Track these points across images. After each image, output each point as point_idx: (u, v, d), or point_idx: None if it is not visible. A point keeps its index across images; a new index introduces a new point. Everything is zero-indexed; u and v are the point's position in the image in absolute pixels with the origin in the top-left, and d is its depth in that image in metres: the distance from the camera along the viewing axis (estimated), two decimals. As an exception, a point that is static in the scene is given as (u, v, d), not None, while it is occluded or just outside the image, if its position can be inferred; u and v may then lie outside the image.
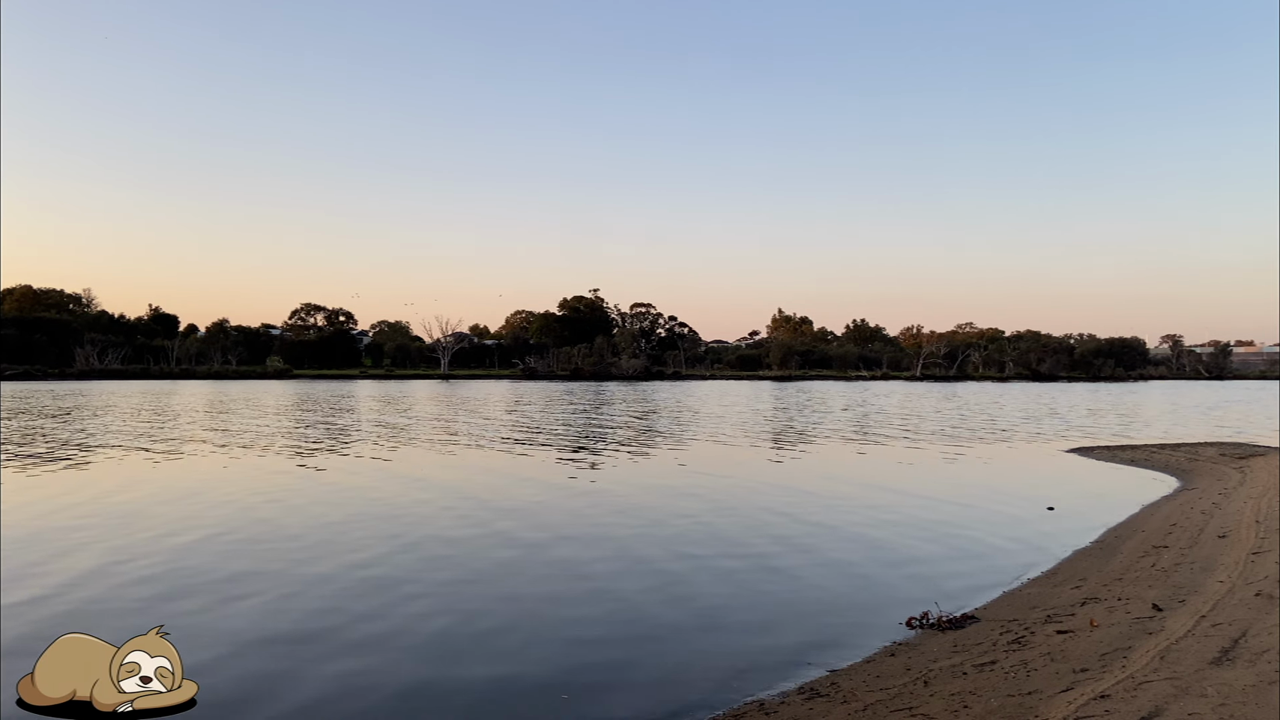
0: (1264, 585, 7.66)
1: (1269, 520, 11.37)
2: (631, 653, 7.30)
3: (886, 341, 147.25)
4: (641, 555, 10.89)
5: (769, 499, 15.54)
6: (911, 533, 12.50)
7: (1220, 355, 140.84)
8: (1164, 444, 25.84)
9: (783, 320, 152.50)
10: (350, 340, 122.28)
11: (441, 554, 10.83)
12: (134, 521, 12.76)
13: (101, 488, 16.31)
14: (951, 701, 5.68)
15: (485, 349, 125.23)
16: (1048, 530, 12.78)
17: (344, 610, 8.30)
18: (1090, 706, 5.05)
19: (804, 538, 12.06)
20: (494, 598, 8.90)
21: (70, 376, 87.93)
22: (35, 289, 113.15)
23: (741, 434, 30.21)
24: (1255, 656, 5.56)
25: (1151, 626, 6.85)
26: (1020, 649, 6.80)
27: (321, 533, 12.13)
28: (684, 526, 12.83)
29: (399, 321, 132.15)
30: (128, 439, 25.41)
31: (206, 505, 14.33)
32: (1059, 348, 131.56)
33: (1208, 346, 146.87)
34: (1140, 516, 13.73)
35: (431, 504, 14.66)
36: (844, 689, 6.29)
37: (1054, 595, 8.75)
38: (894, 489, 17.32)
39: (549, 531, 12.35)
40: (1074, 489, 17.51)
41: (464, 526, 12.64)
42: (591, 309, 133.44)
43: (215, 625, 7.79)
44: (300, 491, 16.20)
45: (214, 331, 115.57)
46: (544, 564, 10.42)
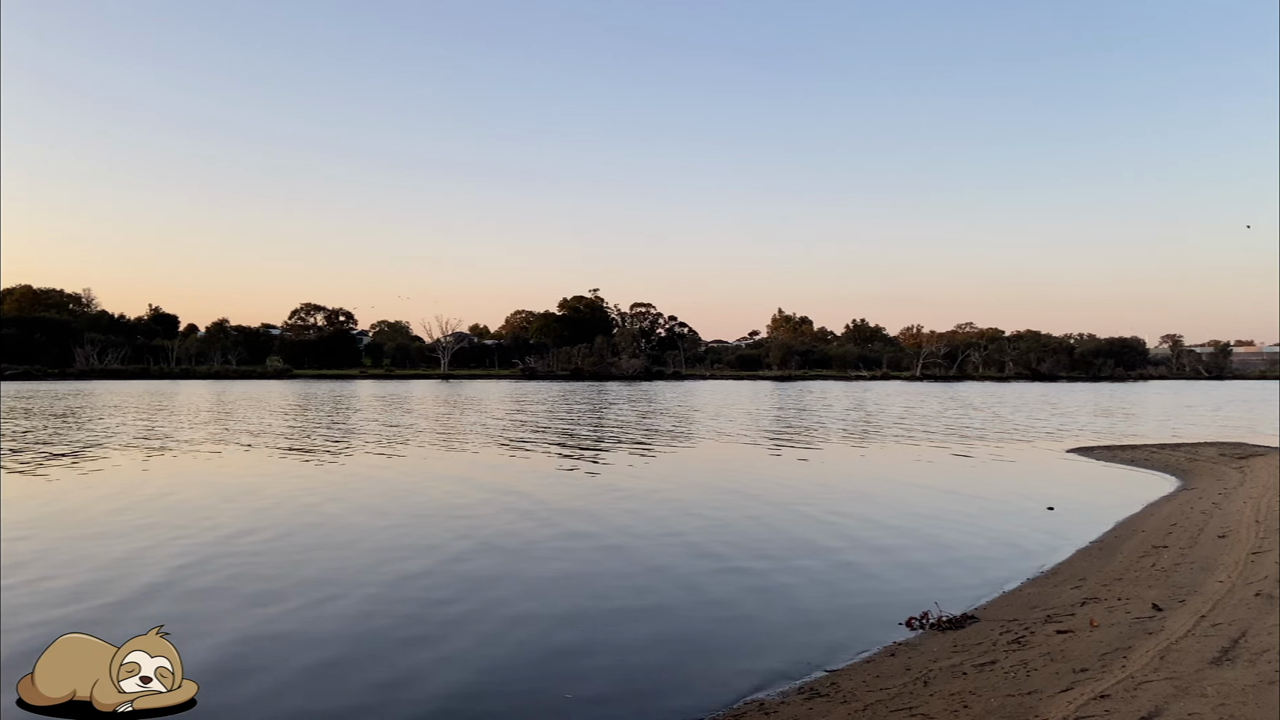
0: (1264, 585, 7.66)
1: (1269, 520, 11.37)
2: (632, 652, 7.30)
3: (886, 341, 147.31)
4: (641, 555, 10.89)
5: (768, 499, 15.54)
6: (911, 533, 12.50)
7: (1220, 355, 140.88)
8: (1164, 444, 25.83)
9: (783, 320, 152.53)
10: (350, 340, 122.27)
11: (441, 550, 10.85)
12: (199, 519, 12.89)
13: (156, 486, 16.45)
14: (951, 701, 5.68)
15: (485, 349, 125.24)
16: (1048, 530, 12.78)
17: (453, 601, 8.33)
18: (1090, 706, 5.05)
19: (803, 537, 12.06)
20: (486, 599, 8.90)
21: (70, 376, 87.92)
22: (35, 289, 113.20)
23: (742, 434, 30.22)
24: (1255, 656, 5.56)
25: (1151, 626, 6.85)
26: (1020, 649, 6.79)
27: (393, 533, 12.20)
28: (684, 526, 12.82)
29: (399, 321, 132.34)
30: (163, 438, 25.44)
31: (268, 503, 14.53)
32: (1059, 348, 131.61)
33: (1208, 346, 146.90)
34: (1140, 516, 13.73)
35: (487, 503, 14.76)
36: (844, 689, 6.29)
37: (1054, 595, 8.75)
38: (894, 489, 17.32)
39: (551, 529, 12.35)
40: (1074, 489, 17.51)
41: (461, 527, 12.66)
42: (591, 309, 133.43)
43: (326, 625, 7.83)
44: (358, 490, 16.35)
45: (214, 331, 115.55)
46: (538, 565, 10.42)
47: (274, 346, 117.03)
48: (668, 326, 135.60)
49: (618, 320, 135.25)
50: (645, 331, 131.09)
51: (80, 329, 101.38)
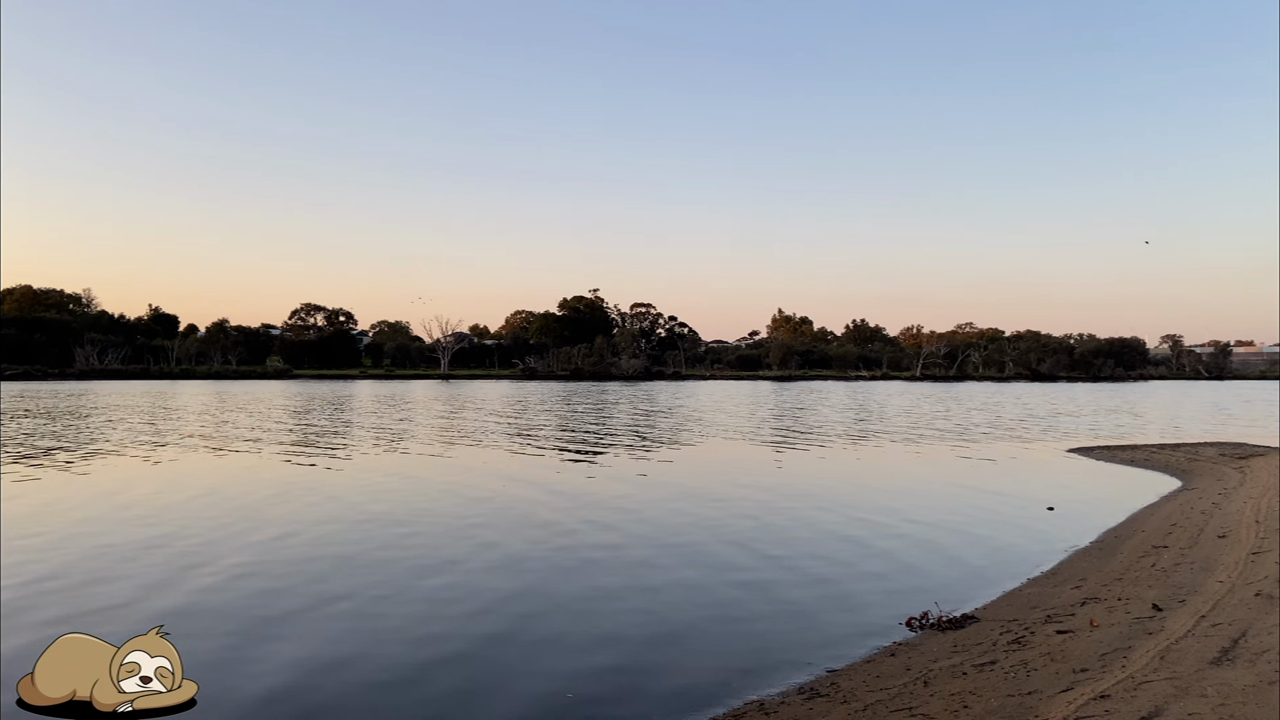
0: (1264, 585, 7.66)
1: (1269, 520, 11.37)
2: (632, 653, 7.30)
3: (886, 341, 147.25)
4: (641, 555, 10.89)
5: (768, 499, 15.54)
6: (911, 533, 12.50)
7: (1220, 355, 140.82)
8: (1164, 444, 25.84)
9: (783, 320, 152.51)
10: (350, 340, 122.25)
11: (445, 553, 10.85)
12: (199, 519, 12.87)
13: (157, 486, 16.40)
14: (951, 701, 5.68)
15: (485, 349, 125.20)
16: (1048, 530, 12.78)
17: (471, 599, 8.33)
18: (1090, 706, 5.05)
19: (804, 537, 12.06)
20: (486, 599, 8.90)
21: (70, 376, 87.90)
22: (35, 289, 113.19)
23: (742, 435, 30.22)
24: (1255, 656, 5.56)
25: (1151, 626, 6.85)
26: (1020, 649, 6.79)
27: (395, 532, 12.20)
28: (683, 526, 12.83)
29: (399, 321, 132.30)
30: (164, 438, 25.44)
31: (269, 503, 14.55)
32: (1059, 348, 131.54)
33: (1208, 346, 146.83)
34: (1140, 516, 13.73)
35: (487, 503, 14.74)
36: (844, 689, 6.29)
37: (1054, 595, 8.74)
38: (894, 489, 17.33)
39: (552, 529, 12.35)
40: (1074, 489, 17.51)
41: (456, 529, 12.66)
42: (591, 309, 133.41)
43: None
44: (358, 490, 16.31)
45: (214, 331, 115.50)
46: (541, 565, 10.42)
47: (274, 346, 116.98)
48: (668, 327, 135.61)
49: (618, 320, 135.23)
50: (645, 332, 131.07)
51: (80, 329, 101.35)
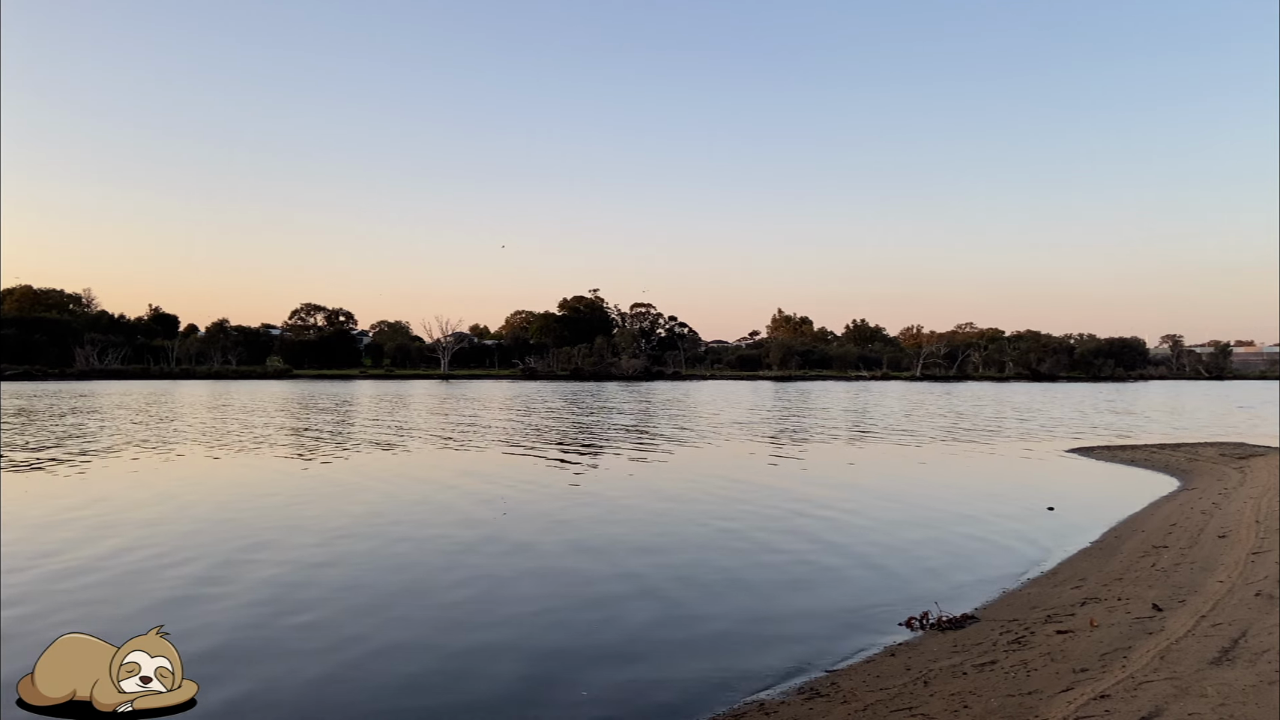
0: (1264, 585, 7.66)
1: (1269, 520, 11.37)
2: (632, 652, 7.30)
3: (886, 341, 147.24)
4: (640, 555, 10.89)
5: (769, 499, 15.54)
6: (911, 532, 12.50)
7: (1220, 355, 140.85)
8: (1164, 444, 25.83)
9: (783, 320, 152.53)
10: (350, 340, 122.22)
11: (446, 551, 10.85)
12: (199, 518, 12.87)
13: (156, 486, 16.39)
14: (951, 701, 5.68)
15: (485, 349, 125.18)
16: (1048, 530, 12.78)
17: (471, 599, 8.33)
18: (1090, 706, 5.05)
19: (804, 538, 12.06)
20: (488, 599, 8.90)
21: (70, 376, 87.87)
22: (35, 289, 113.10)
23: (742, 435, 30.22)
24: (1255, 656, 5.56)
25: (1151, 626, 6.85)
26: (1020, 649, 6.79)
27: (395, 532, 12.17)
28: (682, 527, 12.83)
29: (399, 321, 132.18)
30: (164, 438, 25.44)
31: (269, 503, 14.49)
32: (1059, 348, 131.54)
33: (1208, 346, 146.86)
34: (1140, 516, 13.73)
35: (487, 503, 14.74)
36: (844, 689, 6.28)
37: (1054, 595, 8.74)
38: (894, 489, 17.32)
39: (552, 530, 12.35)
40: (1074, 489, 17.51)
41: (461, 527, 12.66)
42: (591, 309, 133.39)
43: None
44: (359, 490, 16.34)
45: (214, 331, 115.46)
46: (544, 565, 10.42)
47: (274, 346, 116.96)
48: (668, 327, 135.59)
49: (618, 320, 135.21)
50: (645, 332, 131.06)
51: (80, 329, 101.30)
